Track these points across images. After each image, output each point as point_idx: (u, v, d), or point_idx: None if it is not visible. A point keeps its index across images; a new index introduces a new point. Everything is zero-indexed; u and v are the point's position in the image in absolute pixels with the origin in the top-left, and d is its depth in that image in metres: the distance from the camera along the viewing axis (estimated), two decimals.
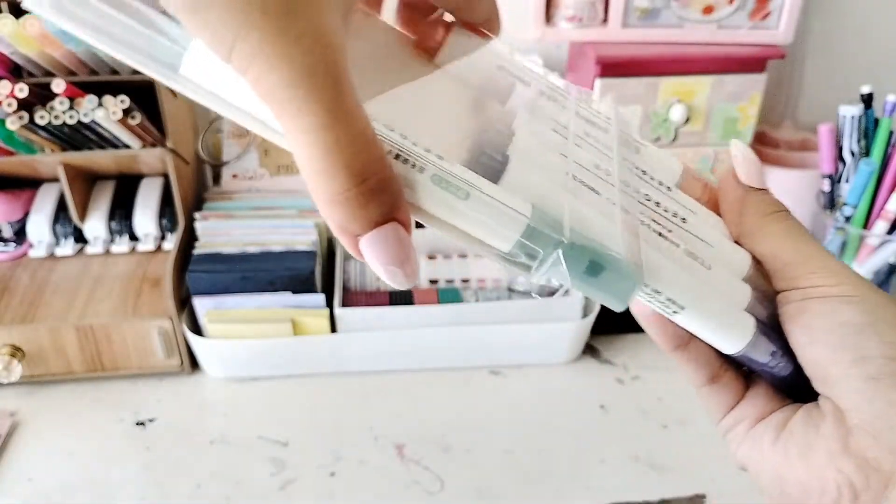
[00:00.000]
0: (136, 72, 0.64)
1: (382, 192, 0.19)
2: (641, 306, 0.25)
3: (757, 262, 0.26)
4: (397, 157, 0.20)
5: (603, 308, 0.60)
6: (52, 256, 0.65)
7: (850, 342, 0.23)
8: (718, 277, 0.24)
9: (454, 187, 0.20)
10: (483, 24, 0.26)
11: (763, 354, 0.24)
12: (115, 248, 0.65)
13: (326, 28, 0.18)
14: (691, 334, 0.25)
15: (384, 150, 0.20)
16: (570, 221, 0.21)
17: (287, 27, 0.17)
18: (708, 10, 0.63)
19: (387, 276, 0.20)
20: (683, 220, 0.25)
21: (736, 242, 0.26)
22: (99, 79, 0.57)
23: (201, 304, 0.59)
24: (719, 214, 0.27)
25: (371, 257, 0.20)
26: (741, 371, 0.27)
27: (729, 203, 0.27)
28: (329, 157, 0.19)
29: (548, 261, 0.21)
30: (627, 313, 0.25)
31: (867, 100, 0.61)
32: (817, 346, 0.23)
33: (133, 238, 0.66)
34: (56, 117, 0.55)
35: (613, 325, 0.63)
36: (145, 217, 0.65)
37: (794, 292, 0.24)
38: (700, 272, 0.24)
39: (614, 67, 0.63)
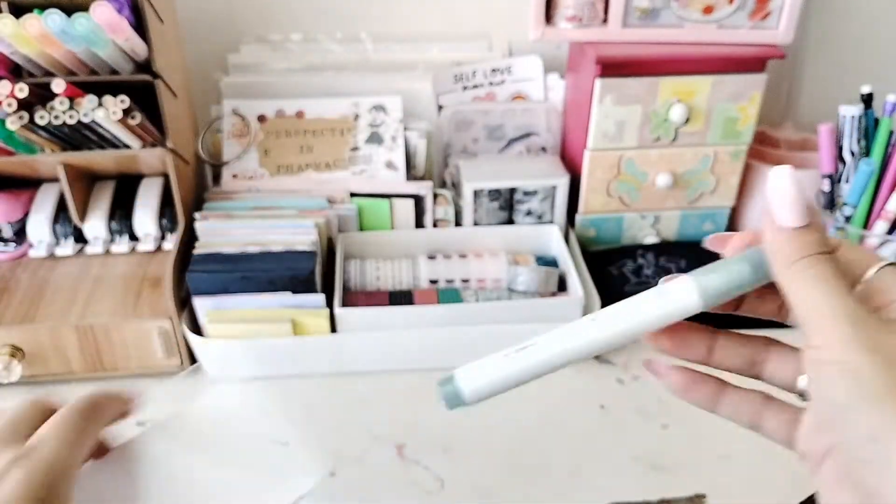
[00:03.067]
0: (136, 71, 0.64)
1: None
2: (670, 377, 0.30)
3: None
4: None
5: (603, 308, 0.60)
6: (52, 256, 0.65)
7: (829, 424, 0.24)
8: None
9: None
10: None
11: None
12: (115, 248, 0.65)
13: None
14: (719, 392, 0.30)
15: None
16: None
17: None
18: (708, 10, 0.63)
19: None
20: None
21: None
22: (99, 79, 0.57)
23: (201, 304, 0.59)
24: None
25: None
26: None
27: (768, 248, 0.26)
28: None
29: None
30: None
31: (867, 100, 0.61)
32: (813, 414, 0.26)
33: (133, 238, 0.66)
34: (56, 117, 0.55)
35: None
36: (145, 217, 0.65)
37: (806, 351, 0.24)
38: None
39: (614, 67, 0.63)
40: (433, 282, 0.65)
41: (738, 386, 0.30)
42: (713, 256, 0.29)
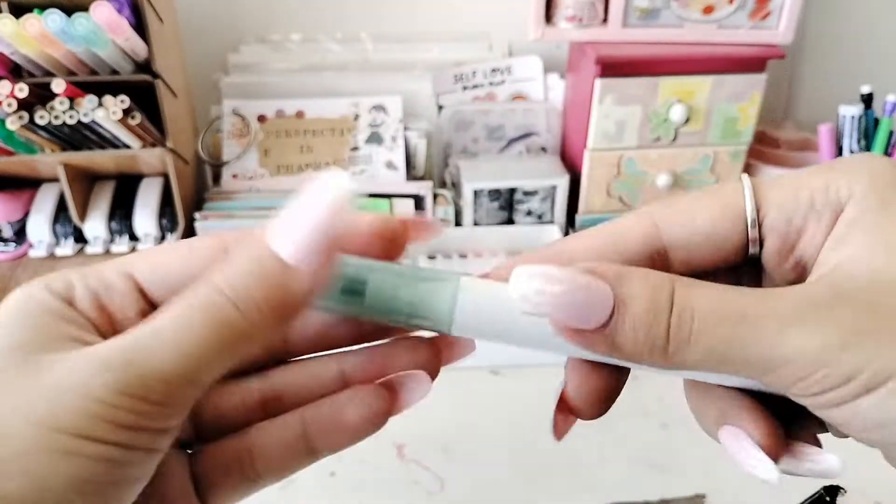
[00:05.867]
0: (136, 71, 0.63)
1: None
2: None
3: None
4: None
5: None
6: (52, 256, 0.65)
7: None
8: None
9: None
10: None
11: None
12: (115, 248, 0.65)
13: None
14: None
15: None
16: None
17: None
18: (708, 10, 0.63)
19: None
20: None
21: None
22: (99, 79, 0.57)
23: None
24: None
25: None
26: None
27: (609, 360, 0.19)
28: None
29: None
30: None
31: (867, 100, 0.61)
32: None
33: (133, 238, 0.66)
34: (56, 117, 0.55)
35: None
36: (145, 217, 0.65)
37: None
38: None
39: (614, 67, 0.63)
40: None
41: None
42: None
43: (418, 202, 0.68)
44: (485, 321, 0.20)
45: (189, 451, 0.21)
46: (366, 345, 0.22)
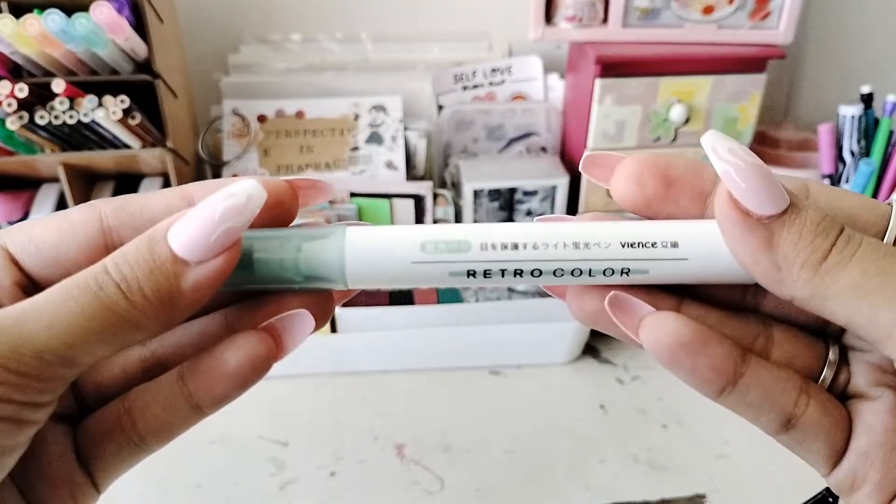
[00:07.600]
0: (136, 71, 0.63)
1: None
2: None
3: None
4: None
5: None
6: None
7: None
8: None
9: None
10: None
11: None
12: None
13: None
14: (739, 364, 0.18)
15: None
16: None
17: None
18: (708, 10, 0.63)
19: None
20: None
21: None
22: (99, 79, 0.57)
23: None
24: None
25: None
26: (833, 395, 0.19)
27: (749, 255, 0.18)
28: None
29: None
30: None
31: (867, 100, 0.61)
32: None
33: None
34: (56, 117, 0.55)
35: None
36: None
37: None
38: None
39: (614, 67, 0.63)
40: None
41: (761, 358, 0.19)
42: None
43: (418, 202, 0.68)
44: (378, 269, 0.20)
45: (71, 425, 0.20)
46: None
